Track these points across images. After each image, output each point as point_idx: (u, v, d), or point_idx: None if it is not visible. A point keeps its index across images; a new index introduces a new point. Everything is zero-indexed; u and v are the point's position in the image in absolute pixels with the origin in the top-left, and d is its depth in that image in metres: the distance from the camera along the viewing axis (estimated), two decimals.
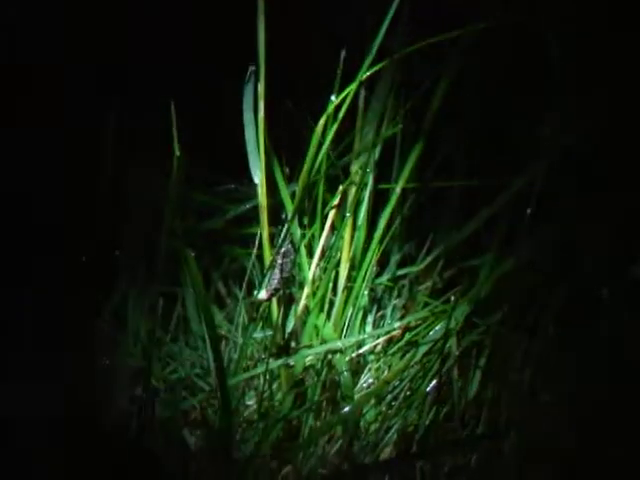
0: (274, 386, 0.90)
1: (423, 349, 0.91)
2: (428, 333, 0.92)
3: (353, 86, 0.79)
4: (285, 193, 0.86)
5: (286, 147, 0.94)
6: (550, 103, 0.91)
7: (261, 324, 0.91)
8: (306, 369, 0.90)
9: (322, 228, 0.89)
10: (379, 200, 0.94)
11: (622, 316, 0.87)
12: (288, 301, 0.90)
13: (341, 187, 0.88)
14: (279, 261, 0.82)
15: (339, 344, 0.88)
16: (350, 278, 0.91)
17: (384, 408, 0.91)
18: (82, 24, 0.98)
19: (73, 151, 0.96)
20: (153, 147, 0.92)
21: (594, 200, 0.90)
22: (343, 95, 0.79)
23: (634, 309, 0.86)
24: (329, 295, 0.90)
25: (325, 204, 0.90)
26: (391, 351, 0.94)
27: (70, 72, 0.98)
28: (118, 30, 0.98)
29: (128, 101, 0.96)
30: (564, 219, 0.90)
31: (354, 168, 0.89)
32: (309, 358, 0.90)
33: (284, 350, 0.88)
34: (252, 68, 0.79)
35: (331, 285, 0.90)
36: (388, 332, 0.94)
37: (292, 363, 0.88)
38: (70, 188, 0.95)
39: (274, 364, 0.87)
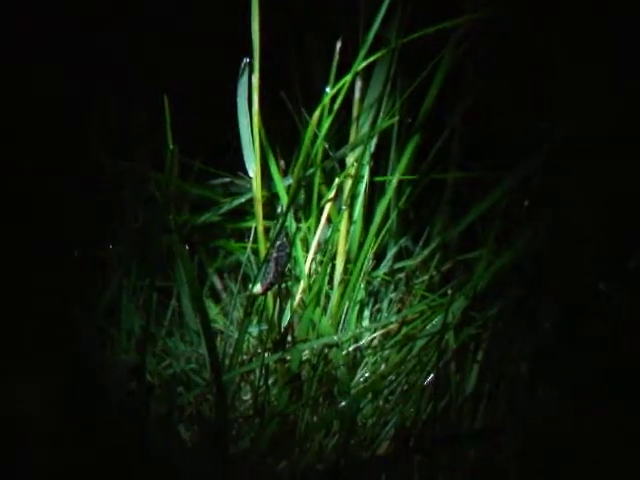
0: (270, 381, 0.89)
1: (420, 343, 0.91)
2: (425, 327, 0.91)
3: (348, 77, 0.78)
4: (280, 186, 0.85)
5: (281, 140, 0.93)
6: (548, 94, 0.91)
7: (257, 318, 0.91)
8: (302, 364, 0.89)
9: (318, 221, 0.88)
10: (375, 193, 0.93)
11: (620, 308, 0.86)
12: (284, 295, 0.89)
13: (337, 180, 0.88)
14: (274, 255, 0.81)
15: (335, 338, 0.87)
16: (346, 272, 0.90)
17: (381, 403, 0.91)
18: (76, 19, 0.97)
19: (64, 144, 0.95)
20: (147, 140, 0.92)
21: (592, 192, 0.89)
22: (338, 86, 0.79)
23: (632, 301, 0.86)
24: (325, 289, 0.90)
25: (321, 197, 0.89)
26: (388, 345, 0.93)
27: (73, 70, 0.97)
28: (111, 23, 0.97)
29: (121, 94, 0.95)
30: (561, 211, 0.89)
31: (350, 160, 0.88)
32: (305, 353, 0.89)
33: (280, 345, 0.88)
34: (246, 60, 0.78)
35: (327, 279, 0.89)
36: (385, 326, 0.94)
37: (288, 358, 0.88)
38: (62, 182, 0.94)
39: (270, 359, 0.86)
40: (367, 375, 0.93)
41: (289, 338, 0.89)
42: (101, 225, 0.95)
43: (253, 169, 0.81)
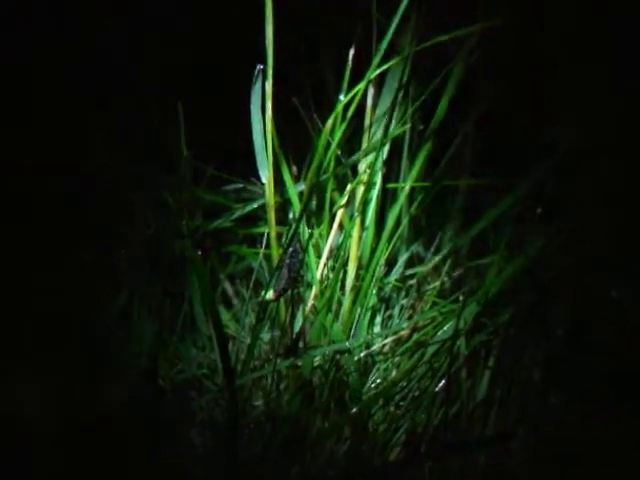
0: (282, 387, 0.90)
1: (432, 349, 0.91)
2: (436, 333, 0.91)
3: (362, 85, 0.79)
4: (293, 192, 0.86)
5: (294, 146, 0.94)
6: (559, 102, 0.91)
7: (269, 324, 0.91)
8: (314, 369, 0.89)
9: (330, 227, 0.89)
10: (387, 199, 0.93)
11: (631, 315, 0.86)
12: (296, 301, 0.89)
13: (349, 186, 0.88)
14: (287, 261, 0.82)
15: (347, 344, 0.87)
16: (358, 278, 0.90)
17: (392, 408, 0.91)
18: (85, 22, 0.97)
19: (75, 149, 0.95)
20: (160, 146, 0.92)
21: (603, 197, 0.89)
22: (352, 94, 0.79)
23: None
24: (337, 295, 0.90)
25: (333, 203, 0.89)
26: (399, 351, 0.93)
27: (73, 70, 0.97)
28: (125, 28, 0.97)
29: (135, 100, 0.96)
30: (573, 218, 0.89)
31: (362, 167, 0.88)
32: (317, 358, 0.89)
33: (292, 350, 0.88)
34: (260, 67, 0.79)
35: (339, 285, 0.89)
36: (396, 332, 0.94)
37: (300, 364, 0.88)
38: (74, 186, 0.95)
39: (282, 364, 0.87)
40: (378, 381, 0.93)
41: (301, 344, 0.89)
42: (114, 230, 0.95)
43: (266, 175, 0.82)
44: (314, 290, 0.88)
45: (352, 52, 0.80)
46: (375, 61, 0.78)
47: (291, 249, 0.82)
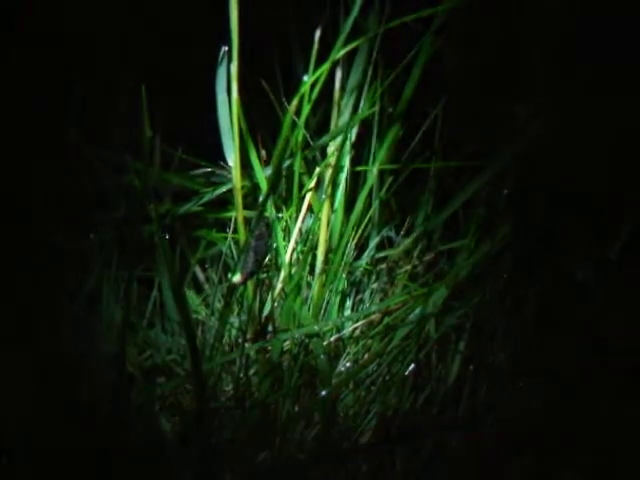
0: (251, 371, 0.89)
1: (402, 333, 0.90)
2: (407, 317, 0.91)
3: (326, 65, 0.77)
4: (260, 175, 0.85)
5: (263, 129, 0.93)
6: (528, 85, 0.90)
7: (238, 309, 0.90)
8: (283, 354, 0.89)
9: (299, 210, 0.88)
10: (357, 182, 0.93)
11: (599, 297, 0.86)
12: (265, 285, 0.88)
13: (317, 169, 0.87)
14: (253, 244, 0.81)
15: (316, 328, 0.87)
16: (328, 261, 0.90)
17: (362, 393, 0.90)
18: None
19: (42, 134, 0.94)
20: (127, 129, 0.91)
21: (572, 182, 0.89)
22: (317, 75, 0.78)
23: (611, 290, 0.86)
24: (306, 278, 0.89)
25: (302, 186, 0.88)
26: (370, 335, 0.93)
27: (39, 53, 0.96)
28: (88, 11, 0.96)
29: (100, 83, 0.95)
30: (542, 201, 0.89)
31: (330, 149, 0.88)
32: (286, 342, 0.89)
33: (261, 335, 0.87)
34: (225, 48, 0.77)
35: (308, 268, 0.88)
36: (367, 316, 0.93)
37: (269, 348, 0.87)
38: (40, 171, 0.94)
39: (251, 349, 0.86)
40: (348, 365, 0.93)
41: (270, 328, 0.88)
42: (82, 214, 0.94)
43: (232, 158, 0.81)
44: (283, 274, 0.87)
45: (318, 33, 0.79)
46: (340, 41, 0.77)
47: (257, 232, 0.81)
